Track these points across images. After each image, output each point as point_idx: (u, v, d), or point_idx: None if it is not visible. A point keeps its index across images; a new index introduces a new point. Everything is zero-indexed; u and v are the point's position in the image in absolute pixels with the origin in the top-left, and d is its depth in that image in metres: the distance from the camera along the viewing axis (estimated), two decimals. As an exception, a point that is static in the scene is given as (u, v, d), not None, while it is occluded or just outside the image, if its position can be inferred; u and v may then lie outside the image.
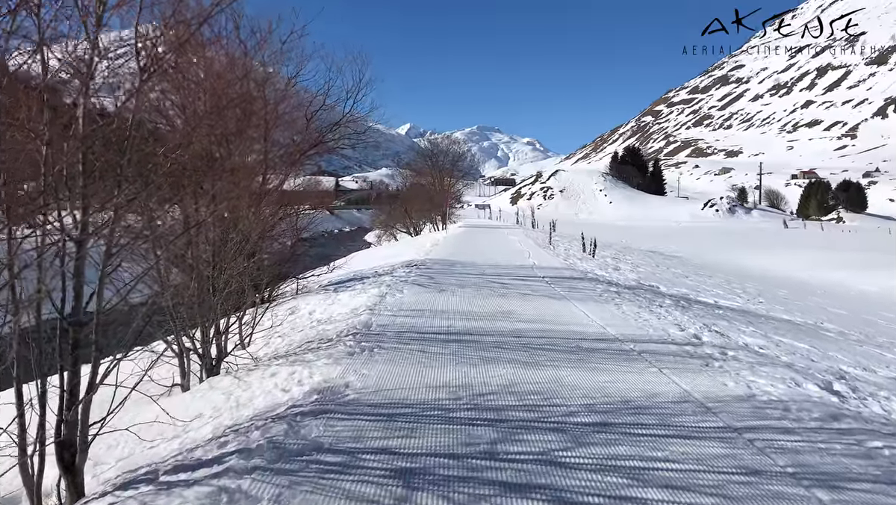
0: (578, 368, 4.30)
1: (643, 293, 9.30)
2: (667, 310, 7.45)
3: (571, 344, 5.05)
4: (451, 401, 3.52)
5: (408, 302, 6.93)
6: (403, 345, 4.85)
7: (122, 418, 3.72)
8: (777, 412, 3.49)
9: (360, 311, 6.37)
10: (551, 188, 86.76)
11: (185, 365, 5.03)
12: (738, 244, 33.33)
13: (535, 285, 8.88)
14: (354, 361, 4.33)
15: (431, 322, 5.81)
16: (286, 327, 6.59)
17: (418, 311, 6.39)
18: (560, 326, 5.78)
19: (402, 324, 5.69)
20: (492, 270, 10.68)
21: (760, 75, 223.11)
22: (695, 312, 7.84)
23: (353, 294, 7.70)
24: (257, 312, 6.33)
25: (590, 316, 6.39)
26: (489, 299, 7.30)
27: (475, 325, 5.73)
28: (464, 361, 4.39)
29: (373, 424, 3.11)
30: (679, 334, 5.71)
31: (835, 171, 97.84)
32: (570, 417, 3.30)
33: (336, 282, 10.21)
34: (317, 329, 5.93)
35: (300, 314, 7.20)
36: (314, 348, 4.93)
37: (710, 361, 4.70)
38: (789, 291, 15.18)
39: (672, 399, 3.68)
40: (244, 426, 3.29)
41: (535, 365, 4.34)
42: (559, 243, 20.17)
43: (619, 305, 7.24)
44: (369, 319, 5.86)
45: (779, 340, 6.72)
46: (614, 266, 14.61)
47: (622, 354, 4.77)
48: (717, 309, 9.11)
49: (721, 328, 6.70)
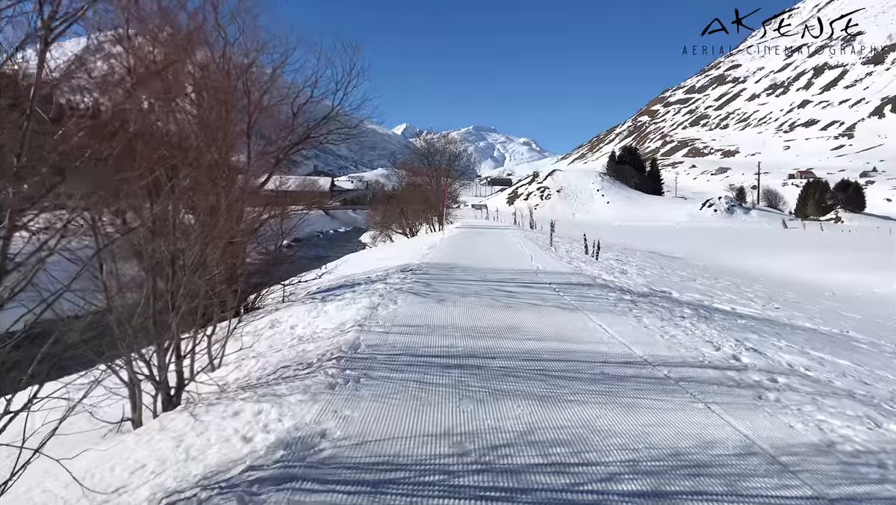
0: (610, 403, 3.53)
1: (658, 301, 8.56)
2: (691, 322, 6.70)
3: (595, 370, 4.28)
4: (455, 458, 2.74)
5: (402, 315, 6.14)
6: (396, 373, 4.07)
7: (49, 470, 2.95)
8: (873, 470, 2.73)
9: (347, 326, 5.58)
10: (548, 188, 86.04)
11: (136, 396, 4.22)
12: (739, 245, 32.80)
13: (542, 293, 8.11)
14: (335, 396, 3.55)
15: (429, 341, 5.02)
16: (263, 345, 5.79)
17: (414, 326, 5.60)
18: (578, 346, 5.01)
19: (395, 344, 4.91)
20: (494, 276, 9.90)
21: (757, 75, 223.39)
22: (719, 324, 7.11)
23: (342, 305, 6.91)
24: (231, 327, 5.52)
25: (609, 331, 5.62)
26: (494, 311, 6.52)
27: (480, 344, 4.95)
28: (469, 395, 3.61)
29: (353, 500, 2.33)
30: (715, 355, 4.95)
31: (832, 170, 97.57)
32: (611, 483, 2.52)
33: (325, 289, 9.41)
34: (297, 349, 5.14)
35: (281, 329, 6.40)
36: (290, 377, 4.14)
37: (762, 391, 3.94)
38: (797, 293, 14.59)
39: (734, 450, 2.91)
40: (186, 497, 2.50)
41: (556, 400, 3.57)
42: (560, 245, 19.45)
43: (638, 318, 6.48)
44: (357, 337, 5.07)
45: (819, 356, 5.98)
46: (620, 269, 13.90)
47: (657, 384, 4.00)
48: (738, 318, 8.39)
49: (754, 343, 5.95)
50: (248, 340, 6.21)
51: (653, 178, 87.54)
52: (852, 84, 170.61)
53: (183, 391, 4.59)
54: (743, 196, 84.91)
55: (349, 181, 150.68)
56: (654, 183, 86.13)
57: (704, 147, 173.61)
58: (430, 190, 34.33)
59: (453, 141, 45.03)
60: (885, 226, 59.74)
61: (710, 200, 73.63)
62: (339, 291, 8.44)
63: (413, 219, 34.06)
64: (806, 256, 25.48)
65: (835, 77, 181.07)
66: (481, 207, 71.03)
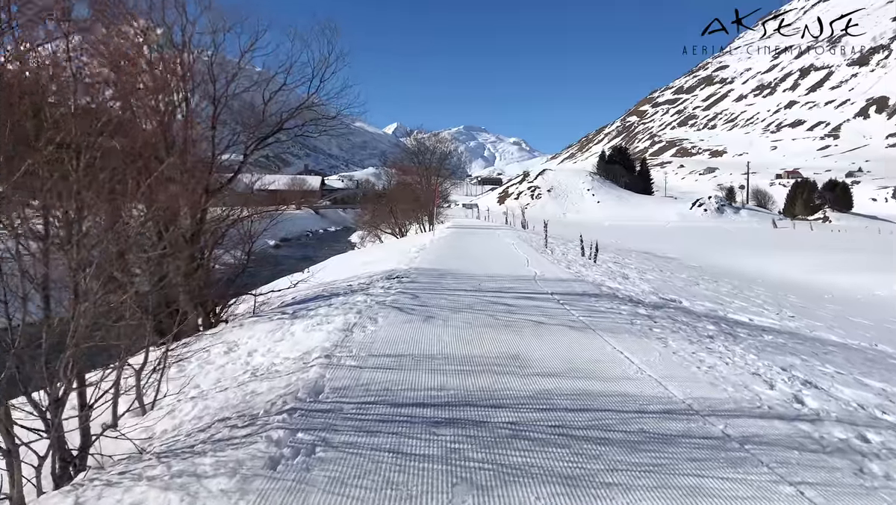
0: (662, 488, 2.50)
1: (675, 314, 7.59)
2: (722, 344, 5.71)
3: (630, 426, 3.24)
4: None
5: (382, 340, 5.06)
6: (366, 436, 3.00)
7: None
8: None
9: (312, 358, 4.50)
10: (539, 188, 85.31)
11: (14, 468, 3.11)
12: (731, 244, 32.40)
13: (545, 306, 7.09)
14: (275, 484, 2.47)
15: (413, 380, 3.95)
16: (211, 378, 4.68)
17: (395, 357, 4.54)
18: (601, 385, 3.98)
19: (370, 385, 3.83)
20: (490, 284, 8.87)
21: (744, 76, 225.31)
22: (750, 344, 6.15)
23: (312, 325, 5.81)
24: (165, 360, 4.41)
25: (634, 361, 4.61)
26: (492, 332, 5.48)
27: (478, 385, 3.90)
28: (466, 476, 2.56)
29: None
30: (771, 396, 3.96)
31: (818, 170, 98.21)
32: None
33: (299, 300, 8.31)
34: (245, 390, 4.04)
35: (236, 355, 5.29)
36: (223, 439, 3.05)
37: (859, 459, 2.94)
38: (798, 296, 13.97)
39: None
40: None
41: (588, 483, 2.53)
42: (554, 246, 18.52)
43: (663, 340, 5.47)
44: (321, 376, 3.99)
45: (879, 387, 5.03)
46: (621, 274, 12.98)
47: (717, 449, 2.99)
48: (763, 333, 7.46)
49: (803, 372, 4.99)
50: (196, 369, 5.11)
51: (643, 177, 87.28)
52: (838, 85, 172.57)
53: (89, 453, 3.49)
54: (733, 196, 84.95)
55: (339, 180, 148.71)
56: (643, 183, 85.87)
57: (692, 147, 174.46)
58: (421, 189, 33.22)
59: (444, 140, 43.96)
60: (872, 225, 59.97)
61: (700, 200, 73.39)
62: (314, 304, 7.34)
63: (403, 218, 32.90)
64: (799, 256, 25.07)
65: (821, 78, 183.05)
66: (472, 207, 70.02)
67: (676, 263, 19.47)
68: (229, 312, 8.44)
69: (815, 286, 17.32)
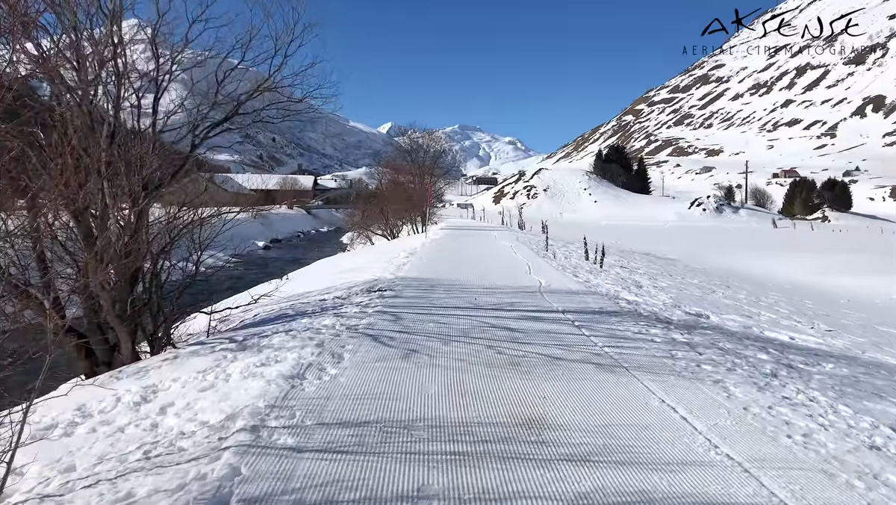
0: None
1: (714, 337, 6.23)
2: (795, 386, 4.34)
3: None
4: None
5: (341, 396, 3.64)
6: None
7: None
8: None
9: (234, 427, 3.08)
10: (535, 187, 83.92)
11: None
12: (732, 245, 31.45)
13: (558, 331, 5.69)
14: None
15: (377, 479, 2.54)
16: (92, 455, 3.25)
17: (356, 428, 3.12)
18: (661, 480, 2.58)
19: (303, 492, 2.41)
20: (488, 300, 7.46)
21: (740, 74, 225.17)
22: (817, 380, 4.80)
23: (255, 363, 4.39)
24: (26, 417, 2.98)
25: (698, 428, 3.22)
26: (494, 377, 4.08)
27: (475, 487, 2.50)
28: None
29: None
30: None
31: (815, 170, 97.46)
32: None
33: (258, 321, 6.89)
34: (116, 493, 2.62)
35: (145, 411, 3.85)
36: None
37: None
38: (813, 301, 13.16)
39: None
40: None
41: None
42: (555, 248, 17.19)
43: (722, 385, 4.09)
44: (233, 470, 2.57)
45: None
46: (633, 281, 11.67)
47: None
48: (819, 360, 6.13)
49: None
50: (83, 432, 3.69)
51: (640, 177, 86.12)
52: (834, 84, 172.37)
53: None
54: (731, 195, 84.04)
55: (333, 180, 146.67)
56: (641, 182, 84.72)
57: (689, 146, 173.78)
58: (414, 189, 31.75)
59: (437, 138, 42.50)
60: (873, 225, 59.08)
61: (698, 199, 72.26)
62: (271, 328, 5.92)
63: (395, 219, 31.42)
64: (804, 258, 24.20)
65: (817, 77, 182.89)
66: (467, 207, 68.48)
67: (681, 266, 18.33)
68: (178, 333, 7.01)
69: (825, 289, 16.39)
